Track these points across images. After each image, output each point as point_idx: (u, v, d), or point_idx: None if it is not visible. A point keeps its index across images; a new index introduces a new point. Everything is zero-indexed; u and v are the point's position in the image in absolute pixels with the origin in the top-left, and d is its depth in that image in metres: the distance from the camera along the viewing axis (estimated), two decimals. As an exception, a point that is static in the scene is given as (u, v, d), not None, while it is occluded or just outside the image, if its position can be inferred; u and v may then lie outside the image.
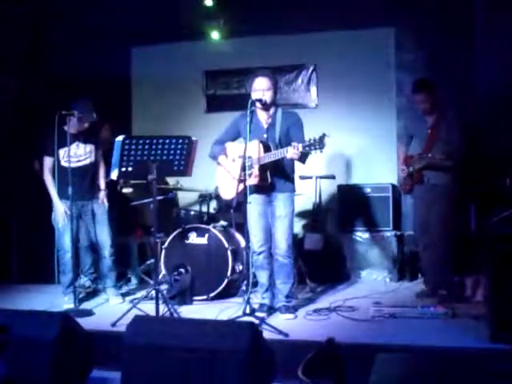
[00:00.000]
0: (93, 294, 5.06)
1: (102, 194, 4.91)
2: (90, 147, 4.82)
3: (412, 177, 4.71)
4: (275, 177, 4.21)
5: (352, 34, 6.07)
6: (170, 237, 5.03)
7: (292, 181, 4.34)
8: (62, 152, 4.66)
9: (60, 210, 4.69)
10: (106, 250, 4.87)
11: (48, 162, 4.71)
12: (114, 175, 4.09)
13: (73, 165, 4.65)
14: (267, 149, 4.14)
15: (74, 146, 4.72)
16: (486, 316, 3.55)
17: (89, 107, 4.66)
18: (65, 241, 4.68)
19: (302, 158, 4.03)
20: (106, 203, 4.90)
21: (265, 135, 4.26)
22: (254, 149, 4.15)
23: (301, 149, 3.82)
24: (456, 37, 5.58)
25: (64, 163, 4.66)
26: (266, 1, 6.02)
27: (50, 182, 4.73)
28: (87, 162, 4.80)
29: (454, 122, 4.58)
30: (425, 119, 4.70)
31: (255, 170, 4.15)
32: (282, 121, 4.27)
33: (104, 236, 4.86)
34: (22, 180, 5.99)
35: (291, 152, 3.88)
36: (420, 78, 4.95)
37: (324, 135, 3.76)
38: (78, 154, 4.75)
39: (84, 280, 5.07)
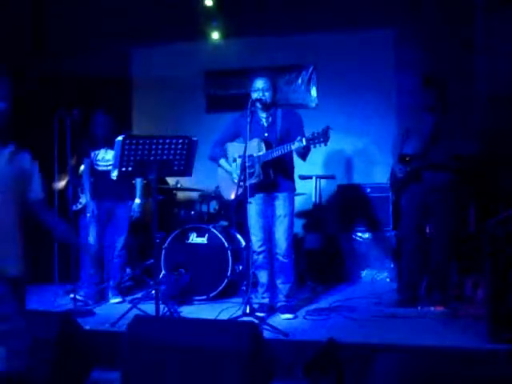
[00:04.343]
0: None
1: (135, 207, 4.97)
2: None
3: (410, 176, 4.58)
4: (276, 176, 4.22)
5: (352, 34, 6.07)
6: (170, 237, 5.03)
7: (292, 180, 4.35)
8: (92, 154, 4.92)
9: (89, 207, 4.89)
10: (117, 252, 4.94)
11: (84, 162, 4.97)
12: (114, 175, 4.10)
13: (100, 168, 4.89)
14: (269, 146, 4.15)
15: (102, 150, 4.89)
16: (485, 316, 3.55)
17: (100, 120, 4.88)
18: (89, 237, 4.86)
19: (305, 153, 4.04)
20: (136, 215, 4.98)
21: (265, 134, 4.26)
22: (255, 147, 4.16)
23: (305, 143, 3.82)
24: (456, 37, 5.58)
25: (94, 166, 4.92)
26: (266, 1, 6.02)
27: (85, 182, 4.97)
28: None
29: (458, 122, 4.46)
30: (427, 116, 4.53)
31: (257, 168, 4.15)
32: (283, 119, 4.28)
33: (119, 240, 4.93)
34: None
35: (295, 145, 3.88)
36: (430, 73, 4.86)
37: (328, 128, 3.75)
38: (106, 159, 4.86)
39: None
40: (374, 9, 5.75)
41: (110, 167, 4.77)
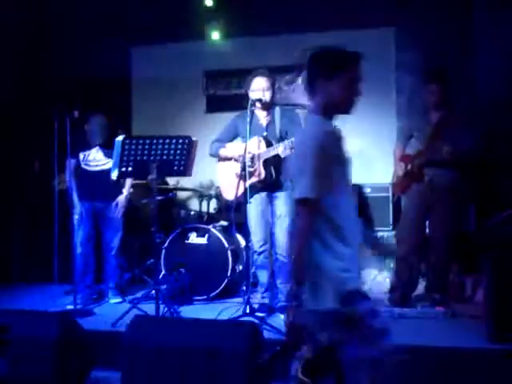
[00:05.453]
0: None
1: (122, 199, 4.90)
2: (111, 153, 4.83)
3: (410, 175, 4.53)
4: (277, 174, 4.21)
5: (352, 34, 6.06)
6: (170, 237, 5.02)
7: (292, 179, 4.35)
8: (82, 155, 4.83)
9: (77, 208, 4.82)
10: (113, 251, 4.92)
11: (69, 163, 4.82)
12: (114, 175, 4.10)
13: (91, 169, 4.82)
14: (269, 145, 4.16)
15: (94, 150, 4.83)
16: (485, 316, 3.55)
17: (97, 120, 4.81)
18: (77, 237, 4.78)
19: None
20: (121, 209, 4.89)
21: (265, 133, 4.27)
22: (255, 145, 4.16)
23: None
24: (456, 37, 5.58)
25: (84, 166, 4.83)
26: (266, 1, 6.02)
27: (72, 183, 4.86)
28: (106, 167, 4.73)
29: (461, 120, 4.40)
30: (429, 115, 4.49)
31: (258, 166, 4.15)
32: (281, 118, 4.29)
33: (115, 240, 4.91)
34: (22, 180, 5.99)
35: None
36: (434, 67, 4.82)
37: None
38: (97, 159, 4.82)
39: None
40: (374, 8, 5.75)
41: (101, 167, 4.78)
